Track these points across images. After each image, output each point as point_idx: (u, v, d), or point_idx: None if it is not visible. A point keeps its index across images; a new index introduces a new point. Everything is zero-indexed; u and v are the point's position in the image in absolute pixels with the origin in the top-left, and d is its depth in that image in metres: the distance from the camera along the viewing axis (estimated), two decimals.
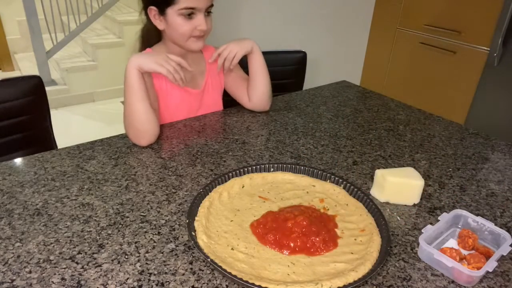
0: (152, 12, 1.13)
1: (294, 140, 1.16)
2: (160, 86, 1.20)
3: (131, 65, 1.05)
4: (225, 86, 1.36)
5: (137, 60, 1.05)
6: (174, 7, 1.09)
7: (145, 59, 1.06)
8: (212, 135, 1.18)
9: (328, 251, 0.74)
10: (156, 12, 1.12)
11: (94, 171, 0.97)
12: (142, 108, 1.06)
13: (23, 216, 0.81)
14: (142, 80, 1.06)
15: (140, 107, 1.06)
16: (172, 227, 0.79)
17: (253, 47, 1.24)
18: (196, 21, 1.11)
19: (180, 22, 1.11)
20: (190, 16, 1.10)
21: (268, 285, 0.64)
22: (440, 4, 2.32)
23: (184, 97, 1.25)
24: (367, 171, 1.01)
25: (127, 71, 1.06)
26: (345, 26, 2.64)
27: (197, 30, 1.12)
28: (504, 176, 1.02)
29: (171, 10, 1.09)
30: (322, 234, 0.75)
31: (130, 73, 1.05)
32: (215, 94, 1.33)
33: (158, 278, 0.67)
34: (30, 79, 1.30)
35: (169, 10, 1.10)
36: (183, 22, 1.11)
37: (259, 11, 2.31)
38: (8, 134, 1.28)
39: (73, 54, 3.72)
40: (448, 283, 0.68)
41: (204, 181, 0.94)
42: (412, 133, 1.22)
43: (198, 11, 1.10)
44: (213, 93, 1.32)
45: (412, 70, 2.56)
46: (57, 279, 0.66)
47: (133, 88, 1.05)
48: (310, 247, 0.73)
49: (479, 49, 2.18)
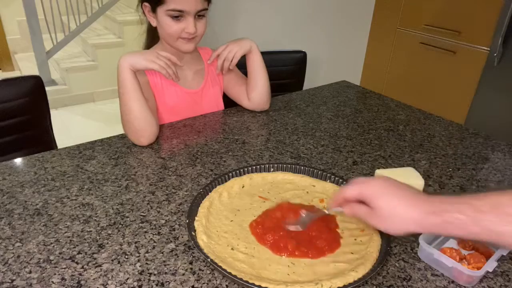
0: (147, 8, 1.15)
1: (294, 140, 1.16)
2: (155, 84, 1.20)
3: (122, 64, 1.05)
4: (224, 88, 1.36)
5: (128, 59, 1.06)
6: (162, 7, 1.09)
7: (136, 57, 1.07)
8: (212, 135, 1.18)
9: (331, 252, 0.73)
10: (149, 8, 1.14)
11: (94, 171, 0.97)
12: (137, 106, 1.06)
13: (23, 216, 0.81)
14: (135, 79, 1.07)
15: (135, 105, 1.06)
16: (172, 227, 0.79)
17: (251, 47, 1.24)
18: (184, 24, 1.11)
19: (168, 22, 1.11)
20: (178, 18, 1.10)
21: (268, 285, 0.64)
22: (440, 4, 2.32)
23: (183, 97, 1.25)
24: (367, 171, 1.01)
25: (119, 70, 1.06)
26: (345, 26, 2.64)
27: (185, 33, 1.12)
28: (504, 176, 1.02)
29: (160, 9, 1.10)
30: (323, 237, 0.75)
31: (122, 72, 1.06)
32: (215, 95, 1.33)
33: (158, 278, 0.67)
34: (30, 79, 1.30)
35: (158, 9, 1.11)
36: (171, 23, 1.11)
37: (259, 11, 2.31)
38: (8, 134, 1.28)
39: (73, 54, 3.72)
40: (448, 283, 0.68)
41: (204, 181, 0.94)
42: (412, 133, 1.22)
43: (187, 13, 1.10)
44: (213, 94, 1.32)
45: (412, 70, 2.56)
46: (57, 279, 0.66)
47: (127, 87, 1.06)
48: (312, 253, 0.73)
49: (479, 49, 2.18)
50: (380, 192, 0.64)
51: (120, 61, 1.06)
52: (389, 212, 0.62)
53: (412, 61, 2.55)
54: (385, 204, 0.63)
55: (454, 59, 2.31)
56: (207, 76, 1.30)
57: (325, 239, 0.75)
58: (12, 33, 4.11)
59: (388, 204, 0.63)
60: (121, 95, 1.07)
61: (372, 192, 0.64)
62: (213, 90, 1.32)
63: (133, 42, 1.28)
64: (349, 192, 0.67)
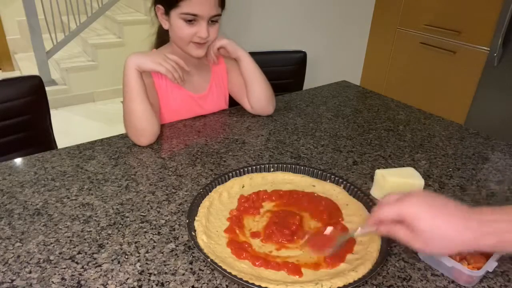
0: (160, 10, 1.14)
1: (294, 140, 1.16)
2: (160, 86, 1.20)
3: (129, 64, 1.05)
4: (230, 92, 1.36)
5: (135, 60, 1.05)
6: (176, 10, 1.09)
7: (143, 58, 1.06)
8: (212, 135, 1.18)
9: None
10: (162, 11, 1.13)
11: (94, 171, 0.97)
12: (140, 107, 1.06)
13: (23, 216, 0.81)
14: (141, 80, 1.06)
15: (138, 106, 1.06)
16: (172, 227, 0.79)
17: (240, 55, 1.22)
18: (196, 28, 1.11)
19: (180, 25, 1.10)
20: (191, 22, 1.10)
21: (268, 285, 0.64)
22: (440, 4, 2.32)
23: (187, 100, 1.25)
24: (367, 171, 1.01)
25: (125, 70, 1.06)
26: (345, 26, 2.64)
27: (197, 37, 1.12)
28: (504, 176, 1.02)
29: (174, 12, 1.09)
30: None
31: (128, 72, 1.05)
32: (219, 101, 1.33)
33: (158, 278, 0.67)
34: (30, 79, 1.30)
35: (172, 12, 1.10)
36: (184, 27, 1.10)
37: (259, 11, 2.31)
38: (8, 134, 1.28)
39: (73, 54, 3.72)
40: (448, 283, 0.68)
41: (204, 181, 0.94)
42: (412, 133, 1.23)
43: (201, 18, 1.09)
44: (217, 100, 1.32)
45: (412, 70, 2.56)
46: (57, 279, 0.66)
47: (132, 88, 1.06)
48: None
49: (479, 49, 2.18)
50: (422, 212, 0.57)
51: (127, 60, 1.06)
52: (435, 234, 0.55)
53: (412, 61, 2.55)
54: (429, 227, 0.56)
55: (454, 59, 2.31)
56: (213, 80, 1.30)
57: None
58: (12, 33, 4.11)
59: (434, 226, 0.56)
60: (125, 94, 1.07)
61: (412, 212, 0.57)
62: (217, 95, 1.32)
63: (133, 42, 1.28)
64: (386, 213, 0.60)
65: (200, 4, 1.07)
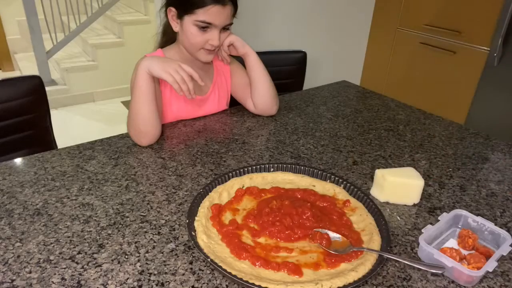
0: (171, 12, 1.13)
1: (294, 140, 1.16)
2: (165, 91, 1.20)
3: (142, 67, 1.04)
4: (232, 93, 1.35)
5: (147, 63, 1.04)
6: (192, 16, 1.08)
7: (154, 63, 1.04)
8: (212, 135, 1.18)
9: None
10: (174, 14, 1.12)
11: (94, 171, 0.97)
12: (147, 110, 1.06)
13: (23, 216, 0.81)
14: (151, 83, 1.06)
15: (145, 109, 1.06)
16: (172, 227, 0.79)
17: (247, 50, 1.22)
18: (209, 35, 1.11)
19: (193, 32, 1.10)
20: (204, 29, 1.09)
21: (268, 285, 0.64)
22: (440, 4, 2.32)
23: (188, 102, 1.24)
24: (367, 171, 1.01)
25: (137, 72, 1.05)
26: (345, 26, 2.64)
27: (208, 44, 1.12)
28: (504, 176, 1.02)
29: (188, 18, 1.09)
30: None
31: (140, 75, 1.04)
32: (220, 103, 1.33)
33: (158, 278, 0.67)
34: (30, 79, 1.30)
35: (186, 17, 1.09)
36: (197, 33, 1.10)
37: (259, 11, 2.31)
38: (8, 134, 1.28)
39: (73, 54, 3.72)
40: (448, 283, 0.68)
41: (204, 181, 0.94)
42: (412, 133, 1.23)
43: (214, 26, 1.09)
44: (218, 102, 1.32)
45: (412, 70, 2.56)
46: (57, 279, 0.66)
47: (141, 90, 1.05)
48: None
49: (479, 49, 2.18)
50: None
51: (140, 62, 1.05)
52: None
53: (412, 61, 2.55)
54: None
55: (454, 59, 2.31)
56: (215, 82, 1.30)
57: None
58: (12, 33, 4.11)
59: None
60: (133, 95, 1.07)
61: None
62: (219, 97, 1.31)
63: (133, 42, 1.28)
64: None
65: (218, 13, 1.07)
